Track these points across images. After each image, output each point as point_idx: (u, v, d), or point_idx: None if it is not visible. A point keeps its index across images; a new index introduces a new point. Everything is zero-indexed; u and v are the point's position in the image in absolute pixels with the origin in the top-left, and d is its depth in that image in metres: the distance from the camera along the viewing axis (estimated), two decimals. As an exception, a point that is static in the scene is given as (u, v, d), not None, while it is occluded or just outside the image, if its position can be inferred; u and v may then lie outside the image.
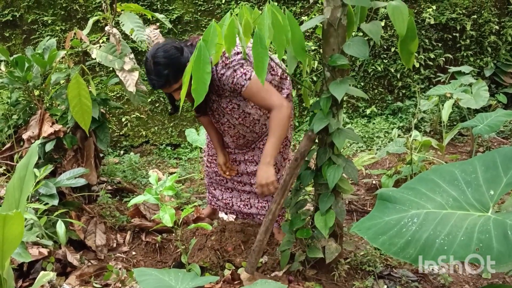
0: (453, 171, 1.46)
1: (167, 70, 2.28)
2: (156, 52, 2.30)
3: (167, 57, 2.28)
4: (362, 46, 2.03)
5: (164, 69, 2.28)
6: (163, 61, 2.28)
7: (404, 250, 1.31)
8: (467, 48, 5.42)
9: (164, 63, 2.28)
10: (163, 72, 2.28)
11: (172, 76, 2.30)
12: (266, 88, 2.35)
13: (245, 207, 2.99)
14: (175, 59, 2.29)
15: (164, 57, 2.28)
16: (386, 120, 5.26)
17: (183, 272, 1.73)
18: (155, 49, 2.33)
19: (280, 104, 2.36)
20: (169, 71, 2.28)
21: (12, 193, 1.50)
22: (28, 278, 2.32)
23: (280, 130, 2.37)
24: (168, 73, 2.28)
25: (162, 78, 2.30)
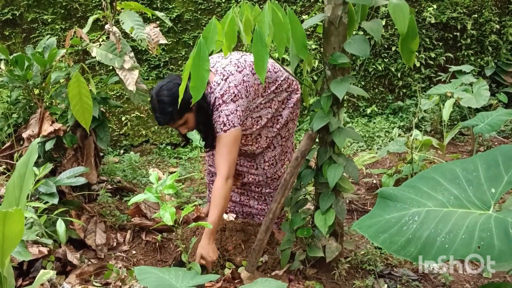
0: (454, 169, 1.45)
1: (171, 107, 2.35)
2: (160, 90, 2.38)
3: (170, 95, 2.35)
4: (363, 44, 2.03)
5: (168, 107, 2.35)
6: (167, 99, 2.35)
7: (405, 248, 1.30)
8: (468, 47, 5.42)
9: (168, 102, 2.35)
10: (167, 110, 2.36)
11: (176, 113, 2.37)
12: (231, 151, 2.40)
13: (245, 207, 2.99)
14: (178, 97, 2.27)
15: (168, 95, 2.36)
16: (386, 120, 5.25)
17: (183, 270, 1.73)
18: (159, 87, 2.40)
19: (227, 174, 2.38)
20: (173, 109, 2.35)
21: (12, 191, 1.49)
22: (28, 276, 2.32)
23: (223, 203, 2.40)
24: (172, 110, 2.35)
25: (167, 115, 2.38)
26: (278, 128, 2.70)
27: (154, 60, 5.06)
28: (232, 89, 2.39)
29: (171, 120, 2.42)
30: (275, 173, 2.80)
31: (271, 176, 2.81)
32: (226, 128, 2.38)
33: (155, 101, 2.39)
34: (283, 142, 2.79)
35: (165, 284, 1.58)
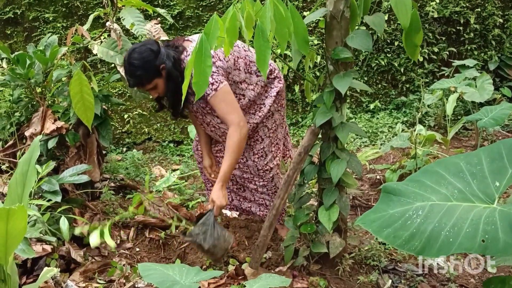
0: (458, 163, 1.44)
1: (140, 71, 2.38)
2: (131, 53, 2.41)
3: (140, 59, 2.38)
4: (366, 39, 2.02)
5: (137, 70, 2.38)
6: (136, 63, 2.38)
7: (409, 242, 1.30)
8: (471, 41, 5.39)
9: (137, 65, 2.38)
10: (136, 73, 2.39)
11: (144, 77, 2.40)
12: (230, 102, 2.40)
13: (243, 203, 2.99)
14: (148, 62, 2.38)
15: (137, 59, 2.38)
16: (390, 115, 5.24)
17: (187, 267, 1.73)
18: (131, 50, 2.43)
19: (238, 122, 2.39)
20: (142, 73, 2.38)
21: (14, 189, 1.49)
22: (32, 274, 2.32)
23: (237, 151, 2.41)
24: (141, 74, 2.39)
25: (136, 78, 2.41)
26: (260, 116, 2.65)
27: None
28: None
29: (140, 84, 2.45)
30: (266, 165, 2.77)
31: (262, 168, 2.77)
32: (215, 87, 2.36)
33: (126, 63, 2.42)
34: (271, 133, 2.74)
35: (169, 281, 1.58)
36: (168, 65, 2.40)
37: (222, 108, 2.39)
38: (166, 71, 2.40)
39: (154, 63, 2.38)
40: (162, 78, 2.43)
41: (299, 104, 5.33)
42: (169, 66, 2.40)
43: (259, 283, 1.70)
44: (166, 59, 2.40)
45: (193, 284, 1.59)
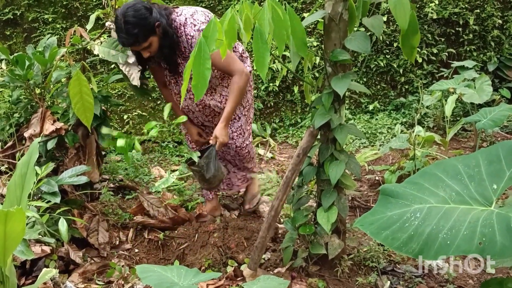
0: (456, 165, 1.45)
1: (136, 29, 2.40)
2: (126, 11, 2.41)
3: (136, 16, 2.40)
4: (364, 41, 2.02)
5: (134, 28, 2.40)
6: (132, 20, 2.39)
7: (407, 244, 1.30)
8: (470, 42, 5.39)
9: (133, 22, 2.39)
10: (132, 31, 2.40)
11: (141, 35, 2.42)
12: (231, 55, 2.55)
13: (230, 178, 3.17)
14: (145, 19, 2.42)
15: (134, 16, 2.40)
16: (389, 116, 5.24)
17: (185, 268, 1.73)
18: (125, 8, 2.43)
19: (241, 70, 2.59)
20: (139, 30, 2.40)
21: (13, 191, 1.50)
22: (31, 275, 2.32)
23: (240, 95, 2.64)
24: (138, 32, 2.41)
25: (132, 37, 2.42)
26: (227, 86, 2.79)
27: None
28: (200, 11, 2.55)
29: (136, 42, 2.46)
30: (243, 142, 2.94)
31: (240, 145, 2.94)
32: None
33: (120, 21, 2.41)
34: (245, 112, 2.91)
35: (167, 282, 1.58)
36: (163, 22, 2.47)
37: (225, 62, 2.50)
38: (162, 28, 2.46)
39: (149, 20, 2.42)
40: (157, 36, 2.48)
41: (298, 105, 5.34)
42: (164, 24, 2.47)
43: (257, 284, 1.70)
44: (160, 17, 2.46)
45: (191, 286, 1.59)
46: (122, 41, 2.50)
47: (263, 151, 4.81)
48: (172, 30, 2.51)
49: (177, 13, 2.56)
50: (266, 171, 4.32)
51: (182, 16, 2.53)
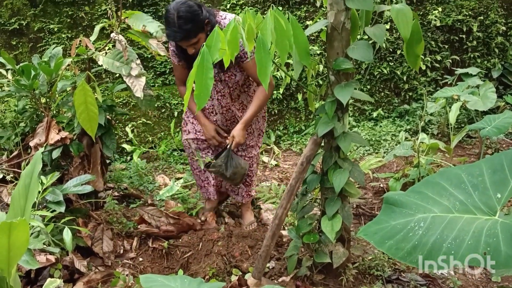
0: (460, 174, 1.44)
1: (189, 24, 2.44)
2: (179, 6, 2.45)
3: (190, 12, 2.45)
4: (366, 50, 2.03)
5: (186, 24, 2.44)
6: (186, 15, 2.43)
7: (411, 254, 1.29)
8: (474, 49, 5.39)
9: (186, 18, 2.43)
10: (184, 27, 2.44)
11: (192, 30, 2.46)
12: None
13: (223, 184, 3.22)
14: (197, 15, 2.47)
15: (187, 11, 2.44)
16: (393, 123, 5.24)
17: (189, 278, 1.72)
18: (178, 4, 2.46)
19: (270, 81, 2.60)
20: (191, 26, 2.45)
21: (17, 201, 1.50)
22: (36, 285, 2.33)
23: (263, 103, 2.77)
24: (190, 27, 2.45)
25: (184, 31, 2.45)
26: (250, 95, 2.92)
27: (160, 67, 5.09)
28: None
29: (186, 37, 2.48)
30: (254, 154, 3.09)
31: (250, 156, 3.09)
32: (250, 54, 2.59)
33: (173, 16, 2.44)
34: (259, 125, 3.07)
35: (171, 292, 1.58)
36: (212, 20, 2.54)
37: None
38: (211, 27, 2.50)
39: (201, 17, 2.48)
40: (205, 33, 2.52)
41: (302, 112, 5.34)
42: (213, 22, 2.53)
43: (261, 294, 1.70)
44: (209, 15, 2.53)
45: (195, 295, 1.59)
46: (173, 35, 2.49)
47: (267, 158, 4.81)
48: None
49: (221, 16, 2.65)
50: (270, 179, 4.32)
51: (226, 20, 2.62)
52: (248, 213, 3.24)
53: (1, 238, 1.28)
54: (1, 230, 1.26)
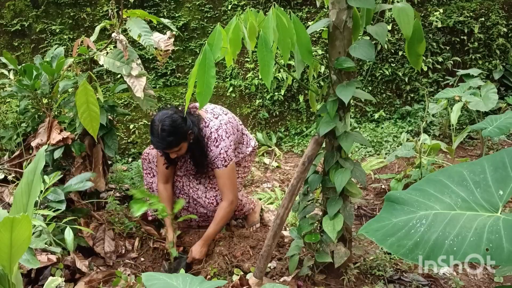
0: (462, 172, 1.44)
1: (171, 137, 2.60)
2: (164, 119, 2.61)
3: (173, 126, 2.60)
4: (368, 49, 2.03)
5: (169, 136, 2.60)
6: (168, 128, 2.59)
7: (413, 251, 1.29)
8: (475, 51, 5.39)
9: (169, 131, 2.59)
10: (167, 138, 2.60)
11: (174, 142, 2.63)
12: (233, 180, 2.79)
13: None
14: (180, 128, 2.63)
15: (171, 125, 2.60)
16: (394, 124, 5.23)
17: (191, 276, 1.72)
18: (164, 116, 2.63)
19: (232, 199, 2.78)
20: (173, 138, 2.61)
21: (20, 198, 1.50)
22: (37, 284, 2.33)
23: (224, 221, 2.82)
24: (172, 140, 2.61)
25: (165, 142, 2.61)
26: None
27: (161, 68, 5.10)
28: (224, 126, 2.76)
29: (168, 148, 2.65)
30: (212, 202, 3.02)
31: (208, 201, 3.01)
32: (226, 163, 2.73)
33: (157, 127, 2.60)
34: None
35: (172, 290, 1.58)
36: (195, 131, 2.69)
37: (225, 183, 2.76)
38: (194, 137, 2.68)
39: (184, 129, 2.64)
40: (187, 142, 2.69)
41: (303, 114, 5.35)
42: (196, 132, 2.69)
43: (263, 292, 1.69)
44: (193, 126, 2.68)
45: (197, 293, 1.58)
46: (156, 145, 2.67)
47: (268, 160, 4.81)
48: (202, 137, 2.73)
49: (205, 123, 2.76)
50: (272, 180, 4.32)
51: (208, 129, 2.75)
52: (253, 215, 3.24)
53: (4, 234, 1.28)
54: (3, 225, 1.26)
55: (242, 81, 5.25)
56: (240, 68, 5.29)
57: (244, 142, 3.05)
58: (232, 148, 2.77)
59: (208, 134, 2.74)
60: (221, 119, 2.79)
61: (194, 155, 2.78)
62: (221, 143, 2.72)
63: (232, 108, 5.19)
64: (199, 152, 2.75)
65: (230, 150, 2.74)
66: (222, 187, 2.79)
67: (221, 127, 2.75)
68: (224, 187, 2.78)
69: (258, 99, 5.24)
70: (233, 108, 5.21)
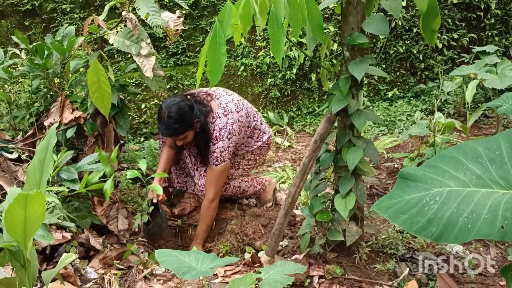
0: (477, 148, 1.41)
1: (177, 124, 2.67)
2: (171, 106, 2.67)
3: (180, 113, 2.66)
4: (382, 24, 1.98)
5: (175, 123, 2.66)
6: (175, 116, 2.65)
7: (426, 228, 1.28)
8: (492, 27, 5.27)
9: (175, 118, 2.66)
10: (173, 126, 2.67)
11: (180, 130, 2.70)
12: (220, 181, 2.83)
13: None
14: (186, 116, 2.68)
15: (177, 113, 2.66)
16: (408, 103, 5.17)
17: (203, 253, 1.74)
18: (171, 103, 2.69)
19: (212, 199, 2.81)
20: (179, 126, 2.68)
21: (32, 176, 1.52)
22: (52, 261, 2.36)
23: (208, 219, 2.85)
24: (178, 127, 2.68)
25: (171, 129, 2.69)
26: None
27: (172, 47, 5.07)
28: (229, 126, 2.75)
29: (174, 135, 2.73)
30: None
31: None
32: (218, 163, 2.76)
33: (164, 114, 2.66)
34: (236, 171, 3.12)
35: (184, 266, 1.59)
36: (202, 120, 2.73)
37: (211, 180, 2.81)
38: (200, 126, 2.73)
39: (190, 117, 2.68)
40: (193, 130, 2.74)
41: (315, 92, 5.30)
42: (202, 122, 2.73)
43: (274, 269, 1.70)
44: (200, 115, 2.70)
45: (208, 270, 1.60)
46: (162, 131, 2.74)
47: (280, 139, 4.80)
48: (208, 129, 2.76)
49: (213, 118, 2.77)
50: (283, 159, 4.31)
51: (212, 126, 2.77)
52: (264, 194, 3.24)
53: (18, 210, 1.29)
54: (17, 202, 1.27)
55: (253, 59, 5.20)
56: (252, 46, 5.23)
57: (254, 136, 3.02)
58: (230, 150, 2.78)
59: (211, 130, 2.76)
60: (229, 118, 2.77)
61: (198, 143, 2.82)
62: (219, 142, 2.74)
63: (243, 87, 5.16)
64: (203, 142, 2.79)
65: (226, 152, 2.76)
66: (207, 183, 2.84)
67: (226, 127, 2.75)
68: (209, 185, 2.83)
69: (269, 78, 5.20)
70: (244, 87, 5.17)
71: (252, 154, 3.06)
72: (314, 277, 2.31)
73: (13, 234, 1.39)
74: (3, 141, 2.98)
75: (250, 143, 3.01)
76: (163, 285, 2.25)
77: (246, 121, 2.88)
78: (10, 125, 3.27)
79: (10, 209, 1.32)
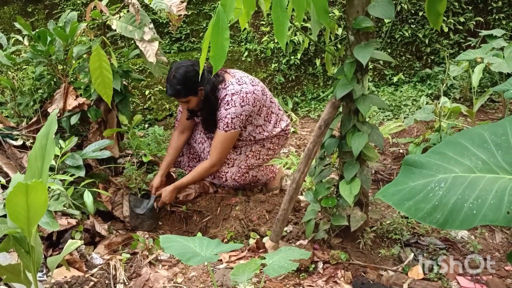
0: (482, 134, 1.39)
1: (180, 86, 2.69)
2: (179, 67, 2.71)
3: (185, 76, 2.68)
4: (388, 7, 1.95)
5: (177, 84, 2.69)
6: (179, 78, 2.68)
7: (431, 214, 1.27)
8: (499, 10, 5.19)
9: (179, 80, 2.68)
10: (176, 86, 2.70)
11: (182, 92, 2.72)
12: (226, 147, 2.81)
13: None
14: (190, 80, 2.69)
15: (182, 76, 2.68)
16: (414, 88, 5.13)
17: (207, 239, 1.74)
18: (180, 65, 2.73)
19: (215, 163, 2.84)
20: (181, 88, 2.70)
21: (34, 162, 1.51)
22: (58, 247, 2.38)
23: (200, 177, 2.91)
24: (180, 89, 2.70)
25: (173, 90, 2.72)
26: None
27: (175, 33, 5.03)
28: (243, 94, 2.71)
29: (176, 95, 2.75)
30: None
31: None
32: (227, 129, 2.73)
33: (171, 73, 2.71)
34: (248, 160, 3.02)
35: (189, 252, 1.59)
36: (206, 88, 2.73)
37: (217, 145, 2.79)
38: (204, 94, 2.73)
39: (194, 82, 2.69)
40: (197, 97, 2.76)
41: (320, 78, 5.26)
42: (207, 90, 2.73)
43: (279, 255, 1.70)
44: (206, 83, 2.72)
45: (213, 256, 1.60)
46: (166, 89, 2.77)
47: (285, 125, 4.77)
48: (213, 97, 2.75)
49: (225, 85, 2.76)
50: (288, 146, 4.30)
51: (224, 91, 2.75)
52: (272, 182, 3.23)
53: (19, 198, 1.29)
54: (18, 190, 1.27)
55: (257, 45, 5.16)
56: (256, 31, 5.19)
57: (271, 121, 2.96)
58: (242, 119, 2.74)
59: (222, 95, 2.74)
60: (244, 87, 2.74)
61: (203, 112, 2.82)
62: (231, 108, 2.71)
63: (247, 72, 5.12)
64: (208, 111, 2.79)
65: (237, 119, 2.72)
66: (213, 147, 2.82)
67: (239, 93, 2.71)
68: (214, 149, 2.81)
69: (274, 63, 5.17)
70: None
71: (271, 143, 3.01)
72: (318, 263, 2.31)
73: (16, 221, 1.39)
74: (7, 128, 2.98)
75: (268, 127, 2.95)
76: (168, 271, 2.26)
77: (262, 98, 2.83)
78: (15, 112, 3.28)
79: (12, 197, 1.32)
